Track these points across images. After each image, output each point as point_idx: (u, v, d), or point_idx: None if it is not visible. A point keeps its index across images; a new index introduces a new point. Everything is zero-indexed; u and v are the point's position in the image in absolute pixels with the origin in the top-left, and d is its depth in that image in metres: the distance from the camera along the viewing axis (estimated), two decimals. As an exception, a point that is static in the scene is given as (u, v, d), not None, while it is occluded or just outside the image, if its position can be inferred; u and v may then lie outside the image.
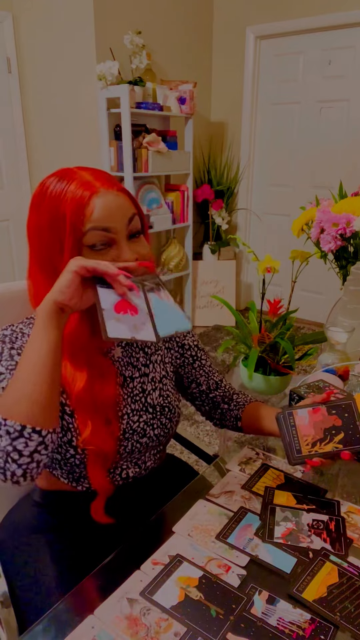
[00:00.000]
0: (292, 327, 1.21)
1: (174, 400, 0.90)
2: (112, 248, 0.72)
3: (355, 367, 1.25)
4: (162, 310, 0.68)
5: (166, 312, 0.68)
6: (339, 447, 0.78)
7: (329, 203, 1.27)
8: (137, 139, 2.80)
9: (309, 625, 0.60)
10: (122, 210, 0.72)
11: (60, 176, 0.73)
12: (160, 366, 0.91)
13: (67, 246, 0.70)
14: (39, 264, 0.75)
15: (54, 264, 0.72)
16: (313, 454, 0.78)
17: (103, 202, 0.71)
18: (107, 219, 0.71)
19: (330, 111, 3.35)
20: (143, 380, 0.86)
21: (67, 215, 0.69)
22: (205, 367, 0.99)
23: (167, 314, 0.68)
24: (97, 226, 0.70)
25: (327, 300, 3.53)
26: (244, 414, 0.98)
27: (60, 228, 0.70)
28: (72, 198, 0.70)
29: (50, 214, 0.71)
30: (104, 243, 0.71)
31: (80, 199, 0.70)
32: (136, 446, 0.83)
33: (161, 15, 3.09)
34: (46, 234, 0.72)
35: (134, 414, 0.83)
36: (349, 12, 3.05)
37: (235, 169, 3.80)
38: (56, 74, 2.86)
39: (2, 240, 3.10)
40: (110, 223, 0.71)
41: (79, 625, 0.59)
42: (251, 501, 0.82)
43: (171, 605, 0.62)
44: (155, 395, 0.87)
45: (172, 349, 0.95)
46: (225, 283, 3.73)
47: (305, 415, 0.80)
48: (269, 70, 3.53)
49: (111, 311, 0.64)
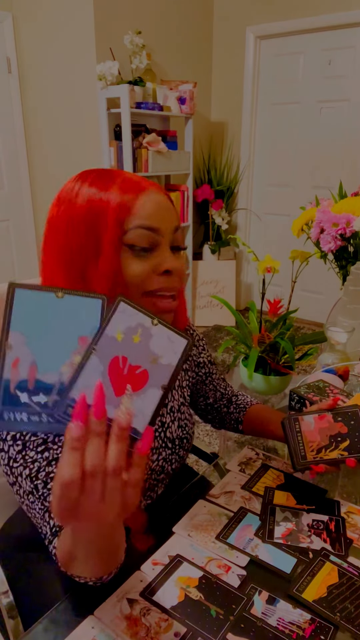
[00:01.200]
0: (292, 327, 1.21)
1: (191, 428, 0.87)
2: (155, 253, 0.65)
3: (355, 367, 1.25)
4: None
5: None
6: (344, 454, 0.78)
7: (329, 203, 1.27)
8: (137, 139, 2.80)
9: (309, 626, 0.60)
10: (170, 214, 0.66)
11: (101, 172, 0.66)
12: (179, 392, 0.86)
13: (105, 245, 0.62)
14: (63, 266, 0.65)
15: (82, 267, 0.64)
16: (318, 460, 0.78)
17: (152, 200, 0.64)
18: (157, 219, 0.64)
19: (330, 111, 3.35)
20: (162, 412, 0.81)
21: (110, 208, 0.62)
22: (214, 381, 0.98)
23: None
24: (144, 224, 0.63)
25: (327, 300, 3.53)
26: (245, 417, 0.97)
27: (100, 224, 0.63)
28: (119, 191, 0.63)
29: (90, 207, 0.63)
30: (147, 245, 0.64)
31: (129, 193, 0.63)
32: (153, 483, 0.81)
33: (161, 15, 3.09)
34: (80, 230, 0.63)
35: (153, 453, 0.78)
36: (349, 12, 3.05)
37: (235, 169, 3.80)
38: (56, 74, 2.86)
39: (2, 240, 3.10)
40: (159, 223, 0.64)
41: (79, 626, 0.59)
42: (251, 501, 0.82)
43: (171, 605, 0.62)
44: (174, 427, 0.82)
45: (190, 370, 0.90)
46: (225, 283, 3.73)
47: (311, 422, 0.80)
48: (269, 70, 3.53)
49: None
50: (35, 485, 0.62)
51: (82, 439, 0.40)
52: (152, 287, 0.66)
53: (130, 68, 2.84)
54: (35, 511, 0.63)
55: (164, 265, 0.65)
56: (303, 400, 1.03)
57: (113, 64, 2.61)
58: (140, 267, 0.65)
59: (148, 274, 0.65)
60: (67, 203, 0.65)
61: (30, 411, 0.43)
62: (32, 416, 0.43)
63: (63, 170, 3.06)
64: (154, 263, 0.65)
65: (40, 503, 0.63)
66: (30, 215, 3.22)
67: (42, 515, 0.63)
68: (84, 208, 0.63)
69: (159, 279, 0.66)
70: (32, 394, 0.43)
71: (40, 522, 0.63)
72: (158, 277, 0.66)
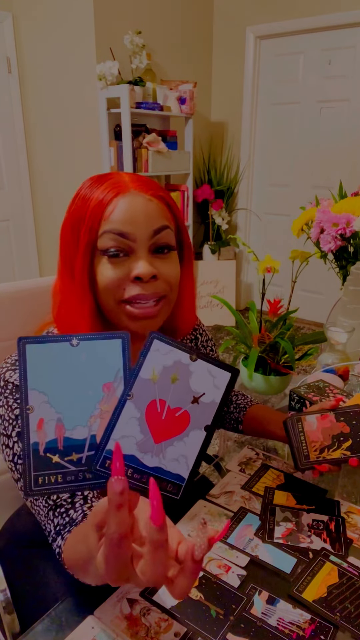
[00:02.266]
0: (292, 327, 1.21)
1: None
2: (129, 258, 0.63)
3: (355, 367, 1.25)
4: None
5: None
6: (347, 454, 0.78)
7: (329, 203, 1.27)
8: (137, 139, 2.80)
9: (309, 626, 0.60)
10: (148, 217, 0.63)
11: (99, 177, 0.67)
12: None
13: (80, 248, 0.63)
14: (62, 266, 0.68)
15: (72, 266, 0.65)
16: (321, 460, 0.78)
17: (127, 204, 0.62)
18: (127, 223, 0.62)
19: (330, 111, 3.35)
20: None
21: (87, 213, 0.63)
22: None
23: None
24: (114, 229, 0.61)
25: (327, 300, 3.53)
26: (245, 417, 0.97)
27: (79, 228, 0.63)
28: (97, 196, 0.63)
29: (76, 213, 0.64)
30: (117, 251, 0.62)
31: (104, 197, 0.62)
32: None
33: (161, 15, 3.09)
34: (68, 234, 0.65)
35: None
36: (349, 12, 3.05)
37: (235, 169, 3.80)
38: (56, 74, 2.86)
39: (2, 240, 3.10)
40: (129, 228, 0.62)
41: (79, 625, 0.59)
42: (251, 501, 0.82)
43: (171, 605, 0.62)
44: None
45: None
46: (225, 283, 3.73)
47: (314, 421, 0.80)
48: (269, 70, 3.53)
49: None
50: None
51: (125, 492, 0.37)
52: (127, 294, 0.63)
53: (130, 68, 2.84)
54: (39, 508, 0.63)
55: (134, 271, 0.62)
56: (303, 400, 1.03)
57: (113, 64, 2.61)
58: (112, 273, 0.63)
59: (121, 281, 0.63)
60: (67, 210, 0.67)
61: (65, 472, 0.40)
62: (68, 476, 0.41)
63: (63, 171, 3.06)
64: (126, 269, 0.63)
65: (45, 501, 0.63)
66: (30, 215, 3.22)
67: (47, 512, 0.63)
68: (71, 215, 0.65)
69: (134, 286, 0.63)
70: (64, 454, 0.41)
71: (44, 519, 0.63)
72: (133, 285, 0.63)
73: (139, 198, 0.63)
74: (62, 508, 0.63)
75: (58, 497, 0.63)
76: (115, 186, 0.63)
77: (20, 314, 0.88)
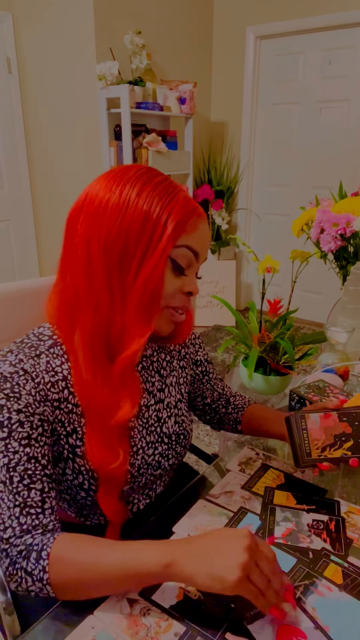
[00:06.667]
0: (292, 327, 1.21)
1: (188, 425, 0.88)
2: (186, 273, 0.71)
3: (355, 367, 1.25)
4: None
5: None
6: (348, 454, 0.78)
7: (329, 203, 1.27)
8: (137, 139, 2.80)
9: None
10: (207, 246, 0.73)
11: (165, 179, 0.69)
12: (176, 389, 0.87)
13: (156, 251, 0.65)
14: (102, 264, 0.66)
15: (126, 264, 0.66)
16: (322, 458, 0.78)
17: (203, 228, 0.71)
18: (201, 245, 0.71)
19: (330, 111, 3.35)
20: (158, 407, 0.82)
21: (170, 219, 0.66)
22: (212, 380, 0.98)
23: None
24: (192, 246, 0.69)
25: (327, 300, 3.53)
26: (243, 417, 0.98)
27: (156, 230, 0.65)
28: (180, 207, 0.67)
29: (144, 214, 0.65)
30: (186, 265, 0.70)
31: (190, 213, 0.68)
32: (149, 479, 0.81)
33: (161, 15, 3.09)
34: (135, 230, 0.65)
35: (149, 447, 0.79)
36: (349, 12, 3.05)
37: (235, 169, 3.80)
38: (56, 74, 2.86)
39: (2, 240, 3.10)
40: (201, 250, 0.71)
41: (79, 625, 0.59)
42: (251, 501, 0.82)
43: (170, 605, 0.62)
44: (170, 423, 0.83)
45: (187, 367, 0.92)
46: (225, 283, 3.73)
47: (317, 420, 0.80)
48: (269, 70, 3.53)
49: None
50: (10, 476, 0.62)
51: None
52: (175, 303, 0.73)
53: (130, 68, 2.84)
54: (2, 502, 0.62)
55: (190, 287, 0.72)
56: (303, 400, 1.03)
57: (113, 64, 2.61)
58: (175, 283, 0.70)
59: (177, 291, 0.71)
60: (125, 199, 0.65)
61: None
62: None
63: (63, 171, 3.06)
64: (183, 283, 0.71)
65: (12, 496, 0.62)
66: (30, 215, 3.22)
67: (12, 508, 0.62)
68: (144, 211, 0.65)
69: (182, 297, 0.73)
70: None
71: (6, 514, 0.62)
72: (181, 296, 0.72)
73: (206, 226, 0.72)
74: (32, 509, 0.63)
75: (28, 497, 0.63)
76: (191, 204, 0.69)
77: (20, 314, 0.88)
